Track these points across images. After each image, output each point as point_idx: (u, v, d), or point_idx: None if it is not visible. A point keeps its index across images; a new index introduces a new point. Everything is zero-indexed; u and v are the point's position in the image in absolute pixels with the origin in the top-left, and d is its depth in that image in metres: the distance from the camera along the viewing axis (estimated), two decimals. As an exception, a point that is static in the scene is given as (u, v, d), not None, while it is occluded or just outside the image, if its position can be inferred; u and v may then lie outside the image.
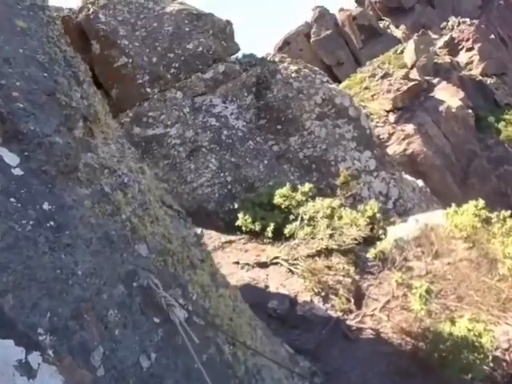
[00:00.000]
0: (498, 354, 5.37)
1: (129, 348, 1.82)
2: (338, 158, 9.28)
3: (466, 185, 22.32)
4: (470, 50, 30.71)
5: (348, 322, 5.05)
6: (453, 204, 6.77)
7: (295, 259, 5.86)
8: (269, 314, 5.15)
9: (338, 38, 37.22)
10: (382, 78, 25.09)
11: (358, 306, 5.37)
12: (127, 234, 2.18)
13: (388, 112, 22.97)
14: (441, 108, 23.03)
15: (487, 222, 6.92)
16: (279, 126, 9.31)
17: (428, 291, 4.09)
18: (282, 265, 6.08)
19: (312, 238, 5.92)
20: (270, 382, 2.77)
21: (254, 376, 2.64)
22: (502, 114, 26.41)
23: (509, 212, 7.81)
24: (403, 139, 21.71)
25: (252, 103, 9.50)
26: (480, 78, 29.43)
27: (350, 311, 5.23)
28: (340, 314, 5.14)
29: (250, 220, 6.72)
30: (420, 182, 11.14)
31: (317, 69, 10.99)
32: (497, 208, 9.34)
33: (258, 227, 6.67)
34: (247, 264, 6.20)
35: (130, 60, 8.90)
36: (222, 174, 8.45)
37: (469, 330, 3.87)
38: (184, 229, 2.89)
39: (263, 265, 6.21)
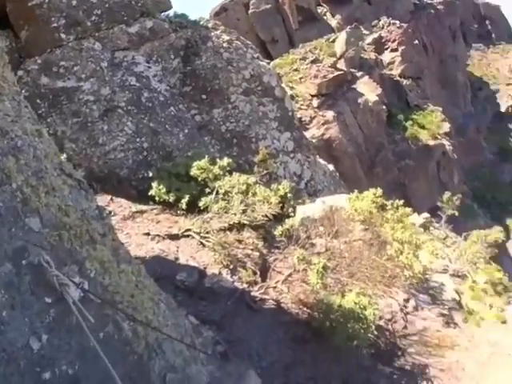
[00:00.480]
0: (382, 324, 6.19)
1: (18, 330, 1.73)
2: (259, 136, 9.42)
3: (372, 173, 24.54)
4: (394, 50, 33.04)
5: (253, 294, 5.33)
6: (355, 190, 7.41)
7: (207, 232, 5.92)
8: (176, 286, 5.18)
9: (276, 14, 37.08)
10: (312, 62, 25.86)
11: (263, 278, 5.68)
12: (17, 205, 1.99)
13: (312, 96, 23.91)
14: (360, 100, 24.67)
15: (383, 208, 7.75)
16: (204, 96, 9.04)
17: (325, 267, 4.49)
18: (193, 237, 6.09)
19: (225, 213, 6.01)
20: (171, 354, 2.80)
21: (154, 350, 2.65)
22: (411, 114, 29.27)
23: (402, 201, 8.84)
24: (323, 124, 22.90)
25: (178, 67, 9.05)
26: (398, 78, 32.00)
27: (256, 283, 5.52)
28: (246, 285, 5.39)
29: (164, 190, 6.53)
30: (331, 167, 11.92)
31: (249, 43, 10.84)
32: (395, 196, 10.50)
33: (172, 198, 6.53)
34: (158, 235, 6.09)
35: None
36: (138, 139, 7.99)
37: (355, 303, 4.37)
38: (85, 201, 2.69)
39: (174, 237, 6.15)
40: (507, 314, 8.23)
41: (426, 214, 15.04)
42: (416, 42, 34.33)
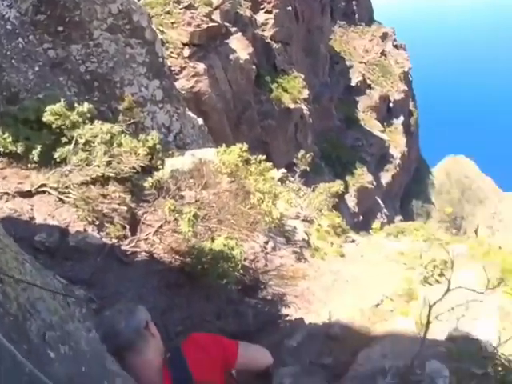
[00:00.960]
0: (246, 263, 6.89)
1: None
2: (125, 81, 8.66)
3: (238, 130, 25.48)
4: (268, 12, 33.45)
5: (123, 248, 5.20)
6: (223, 144, 7.75)
7: (66, 187, 5.38)
8: (36, 248, 4.66)
9: None
10: (186, 8, 24.25)
11: (133, 232, 5.58)
12: None
13: (184, 45, 22.70)
14: (231, 56, 24.62)
15: (247, 162, 8.35)
16: (61, 28, 7.66)
17: (195, 215, 4.72)
18: (50, 193, 5.47)
19: (87, 165, 5.54)
20: (46, 313, 2.63)
21: (28, 311, 2.45)
22: (277, 77, 30.79)
23: (264, 157, 9.65)
24: (193, 76, 22.21)
25: (33, -10, 7.42)
26: (269, 40, 32.90)
27: (125, 237, 5.38)
28: (115, 241, 5.21)
29: (10, 139, 5.57)
30: (200, 120, 11.99)
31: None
32: (257, 152, 11.30)
33: (20, 149, 5.62)
34: (7, 193, 5.26)
35: None
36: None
37: (224, 245, 4.77)
38: None
39: (27, 194, 5.40)
40: (344, 250, 10.15)
41: (283, 170, 16.71)
42: (289, 8, 35.58)
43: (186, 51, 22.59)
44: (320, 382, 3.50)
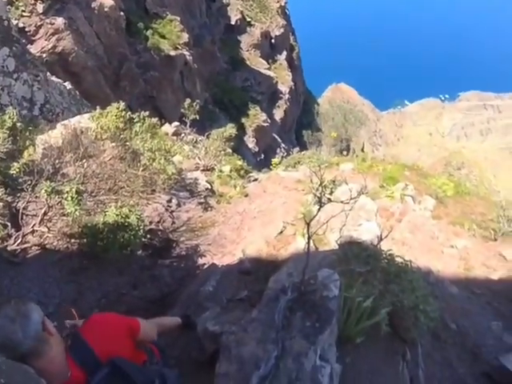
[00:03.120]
0: (153, 227, 6.72)
1: None
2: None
3: (119, 87, 23.39)
4: None
5: (10, 248, 4.66)
6: (98, 107, 7.05)
7: None
8: None
9: None
10: None
11: (17, 227, 4.98)
12: None
13: (36, 0, 19.15)
14: (93, 4, 21.55)
15: (131, 121, 7.81)
16: None
17: (78, 192, 4.34)
18: None
19: None
20: None
21: None
22: (151, 23, 28.15)
23: (147, 113, 9.10)
24: (52, 34, 19.17)
25: None
26: None
27: (10, 236, 4.80)
28: None
29: None
30: (68, 85, 10.67)
31: None
32: (146, 109, 10.57)
33: None
34: None
35: None
36: None
37: (117, 215, 4.54)
38: None
39: None
40: (248, 190, 10.51)
41: (176, 123, 16.14)
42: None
43: (40, 6, 19.16)
44: (238, 313, 3.75)
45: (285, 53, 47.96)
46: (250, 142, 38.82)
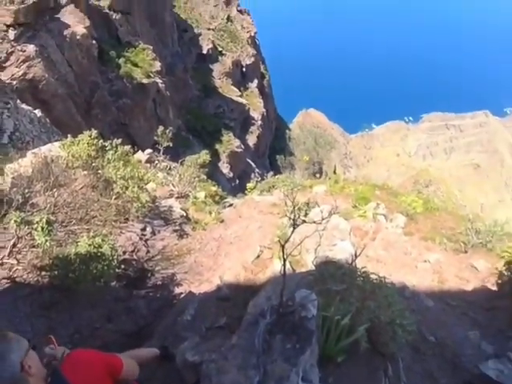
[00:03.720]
0: (127, 257, 6.53)
1: None
2: None
3: (90, 115, 23.16)
4: None
5: None
6: (69, 135, 6.96)
7: None
8: None
9: None
10: None
11: None
12: None
13: (8, 27, 18.89)
14: (66, 32, 21.52)
15: (103, 149, 7.73)
16: None
17: (49, 222, 4.21)
18: None
19: None
20: None
21: None
22: (123, 51, 28.38)
23: (121, 140, 9.05)
24: (23, 61, 18.94)
25: None
26: (107, 11, 29.68)
27: None
28: None
29: None
30: (38, 112, 10.49)
31: None
32: (118, 137, 10.48)
33: None
34: None
35: None
36: None
37: (89, 245, 4.41)
38: None
39: None
40: (223, 216, 10.49)
41: (149, 150, 16.04)
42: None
43: (11, 33, 18.96)
44: (218, 341, 3.68)
45: (256, 80, 49.34)
46: (225, 167, 39.00)
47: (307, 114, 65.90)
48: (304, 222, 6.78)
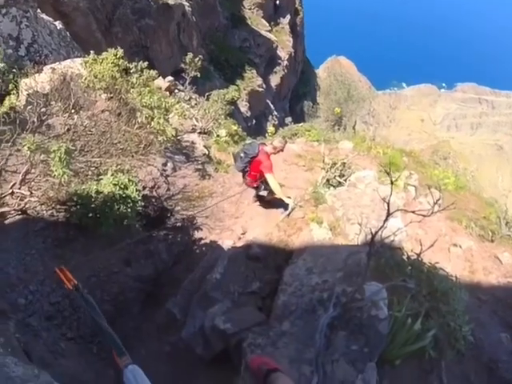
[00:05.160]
0: (147, 192, 6.08)
1: None
2: None
3: (111, 33, 21.61)
4: None
5: None
6: (92, 52, 6.15)
7: None
8: None
9: None
10: None
11: None
12: None
13: None
14: None
15: (126, 72, 6.95)
16: None
17: (68, 152, 3.65)
18: None
19: None
20: None
21: None
22: (149, -35, 25.67)
23: (146, 63, 8.19)
24: None
25: None
26: None
27: None
28: None
29: None
30: (58, 24, 9.47)
31: None
32: (138, 59, 9.55)
33: None
34: None
35: None
36: None
37: (114, 185, 3.91)
38: None
39: None
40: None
41: (170, 77, 15.00)
42: None
43: None
44: (251, 309, 3.31)
45: (288, 17, 45.57)
46: (243, 105, 37.37)
47: (337, 61, 61.81)
48: (340, 184, 6.07)
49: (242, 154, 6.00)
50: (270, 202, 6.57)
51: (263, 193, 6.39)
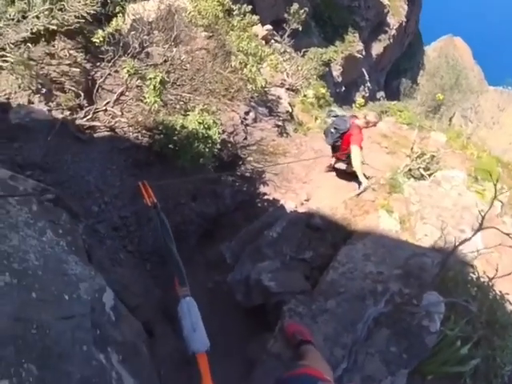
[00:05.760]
0: (224, 137, 6.21)
1: None
2: None
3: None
4: None
5: (79, 122, 4.31)
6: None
7: (1, 49, 4.10)
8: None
9: None
10: None
11: (90, 100, 4.58)
12: None
13: None
14: None
15: (229, 13, 6.84)
16: None
17: (162, 82, 3.77)
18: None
19: (23, 18, 4.15)
20: None
21: None
22: None
23: (250, 7, 7.99)
24: None
25: None
26: None
27: (81, 108, 4.42)
28: (68, 113, 4.26)
29: None
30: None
31: None
32: (241, 1, 9.34)
33: None
34: None
35: None
36: None
37: (199, 123, 4.01)
38: None
39: None
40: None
41: (268, 26, 14.52)
42: None
43: None
44: (298, 276, 3.32)
45: (409, -20, 41.06)
46: (336, 69, 35.51)
47: (451, 42, 55.00)
48: (422, 177, 5.58)
49: (332, 130, 5.78)
50: (344, 174, 6.36)
51: (339, 165, 6.18)
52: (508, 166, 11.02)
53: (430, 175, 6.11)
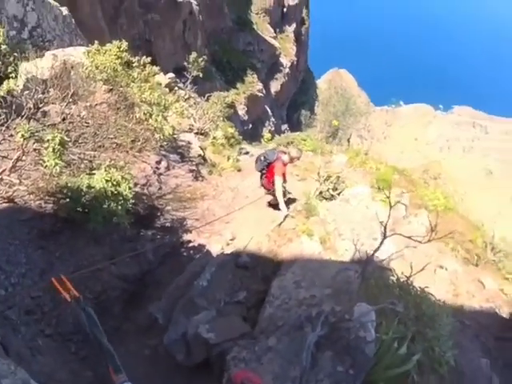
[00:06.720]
0: (138, 190, 5.97)
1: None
2: None
3: (116, 24, 21.46)
4: None
5: None
6: (96, 42, 6.06)
7: None
8: None
9: None
10: None
11: None
12: None
13: None
14: None
15: (128, 65, 6.87)
16: None
17: (62, 142, 3.56)
18: None
19: None
20: None
21: None
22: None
23: (149, 59, 8.13)
24: None
25: None
26: None
27: None
28: None
29: None
30: (65, 10, 9.31)
31: None
32: (140, 53, 9.47)
33: None
34: None
35: None
36: None
37: (107, 181, 3.82)
38: None
39: None
40: (241, 164, 9.82)
41: (171, 74, 14.88)
42: None
43: None
44: (236, 319, 3.26)
45: (294, 25, 45.93)
46: (241, 108, 37.44)
47: (337, 74, 62.46)
48: (332, 197, 6.03)
49: (262, 158, 6.42)
50: (271, 205, 6.69)
51: (266, 197, 6.55)
52: (403, 172, 12.51)
53: (338, 194, 6.64)
